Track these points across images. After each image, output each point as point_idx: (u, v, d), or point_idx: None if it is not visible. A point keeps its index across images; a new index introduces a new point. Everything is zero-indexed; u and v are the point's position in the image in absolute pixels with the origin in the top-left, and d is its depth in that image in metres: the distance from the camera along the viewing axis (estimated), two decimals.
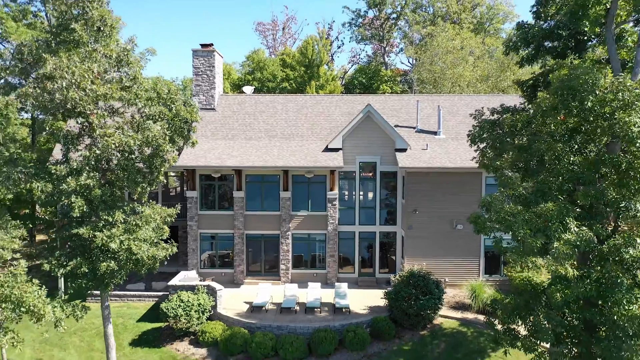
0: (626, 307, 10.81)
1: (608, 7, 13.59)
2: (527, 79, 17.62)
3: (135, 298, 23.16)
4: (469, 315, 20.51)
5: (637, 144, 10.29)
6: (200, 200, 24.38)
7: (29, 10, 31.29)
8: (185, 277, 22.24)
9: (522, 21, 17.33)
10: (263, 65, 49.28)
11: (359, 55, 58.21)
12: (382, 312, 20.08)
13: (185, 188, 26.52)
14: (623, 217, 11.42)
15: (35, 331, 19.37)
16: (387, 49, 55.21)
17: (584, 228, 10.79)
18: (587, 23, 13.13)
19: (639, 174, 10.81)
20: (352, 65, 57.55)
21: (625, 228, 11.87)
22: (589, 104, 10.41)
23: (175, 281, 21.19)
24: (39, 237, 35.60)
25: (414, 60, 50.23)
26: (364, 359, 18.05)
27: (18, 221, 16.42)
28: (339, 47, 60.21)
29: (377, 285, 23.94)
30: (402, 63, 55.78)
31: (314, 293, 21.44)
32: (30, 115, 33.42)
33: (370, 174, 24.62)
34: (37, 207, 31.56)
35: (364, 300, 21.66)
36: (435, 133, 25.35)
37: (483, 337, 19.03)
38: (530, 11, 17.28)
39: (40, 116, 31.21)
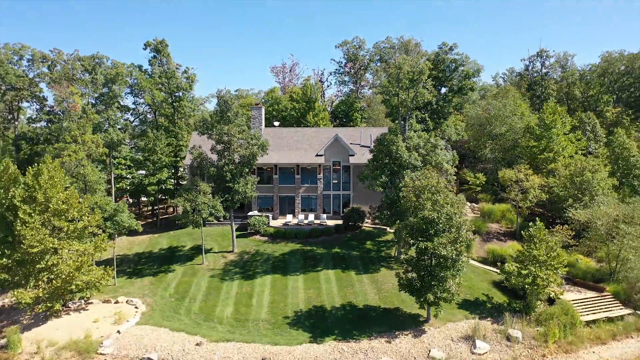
0: (402, 199, 37.65)
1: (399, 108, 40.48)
2: None
3: (227, 224, 49.92)
4: (378, 226, 47.50)
5: (400, 157, 37.21)
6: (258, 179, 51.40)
7: (156, 81, 58.03)
8: (254, 213, 49.20)
9: (385, 98, 44.04)
10: (278, 101, 76.29)
11: (342, 90, 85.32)
12: (340, 224, 47.14)
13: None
14: (402, 177, 38.43)
15: (189, 236, 46.14)
16: (359, 86, 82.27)
17: (387, 179, 37.83)
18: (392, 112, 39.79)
19: (403, 164, 37.79)
20: (337, 98, 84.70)
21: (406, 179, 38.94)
22: (385, 143, 37.22)
23: (251, 213, 48.30)
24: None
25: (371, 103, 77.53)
26: (330, 239, 45.02)
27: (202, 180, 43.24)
28: (327, 86, 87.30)
29: (340, 218, 50.82)
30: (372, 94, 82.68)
31: (311, 218, 48.57)
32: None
33: (337, 167, 51.62)
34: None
35: (333, 222, 48.68)
36: (369, 147, 52.26)
37: (380, 232, 46.07)
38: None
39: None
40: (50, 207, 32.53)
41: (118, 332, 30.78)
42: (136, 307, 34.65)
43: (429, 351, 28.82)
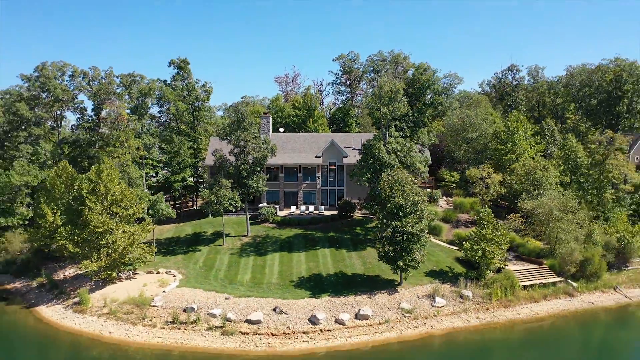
0: (381, 191, 47.36)
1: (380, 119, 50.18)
2: None
3: (242, 214, 59.56)
4: (366, 215, 57.17)
5: (381, 158, 46.85)
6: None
7: (179, 93, 67.65)
8: (263, 205, 58.91)
9: (370, 112, 53.61)
10: (281, 109, 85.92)
11: (339, 99, 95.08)
12: (335, 214, 56.84)
13: None
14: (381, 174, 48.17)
15: (209, 225, 55.83)
16: (354, 95, 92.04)
17: (371, 176, 47.52)
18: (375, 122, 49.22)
19: (384, 164, 47.49)
20: (335, 105, 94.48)
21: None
22: (370, 147, 46.77)
23: (261, 205, 58.06)
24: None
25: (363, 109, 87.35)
26: (327, 225, 54.67)
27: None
28: (326, 95, 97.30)
29: (336, 209, 60.37)
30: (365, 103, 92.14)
31: (311, 209, 58.35)
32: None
33: (333, 167, 61.33)
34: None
35: (330, 212, 58.38)
36: (359, 149, 61.91)
37: (368, 220, 55.75)
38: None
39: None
40: (109, 197, 42.28)
41: (164, 292, 40.47)
42: (174, 276, 44.33)
43: (399, 304, 38.49)
